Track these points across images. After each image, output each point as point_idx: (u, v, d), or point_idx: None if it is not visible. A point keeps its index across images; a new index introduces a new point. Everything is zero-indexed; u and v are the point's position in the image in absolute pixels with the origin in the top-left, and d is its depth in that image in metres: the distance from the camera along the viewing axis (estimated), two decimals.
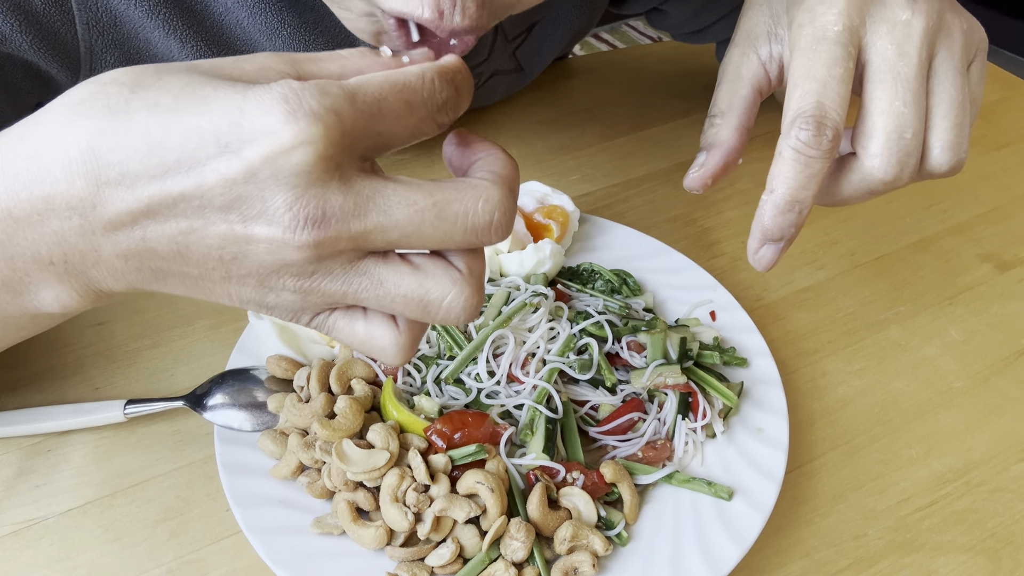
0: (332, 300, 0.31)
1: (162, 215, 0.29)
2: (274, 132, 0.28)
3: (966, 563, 0.50)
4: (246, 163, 0.28)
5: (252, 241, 0.29)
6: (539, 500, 0.45)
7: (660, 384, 0.52)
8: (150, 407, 0.51)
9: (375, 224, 0.30)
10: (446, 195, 0.30)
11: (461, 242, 0.31)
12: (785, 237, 0.43)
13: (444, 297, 0.31)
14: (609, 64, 0.90)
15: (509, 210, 0.32)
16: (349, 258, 0.30)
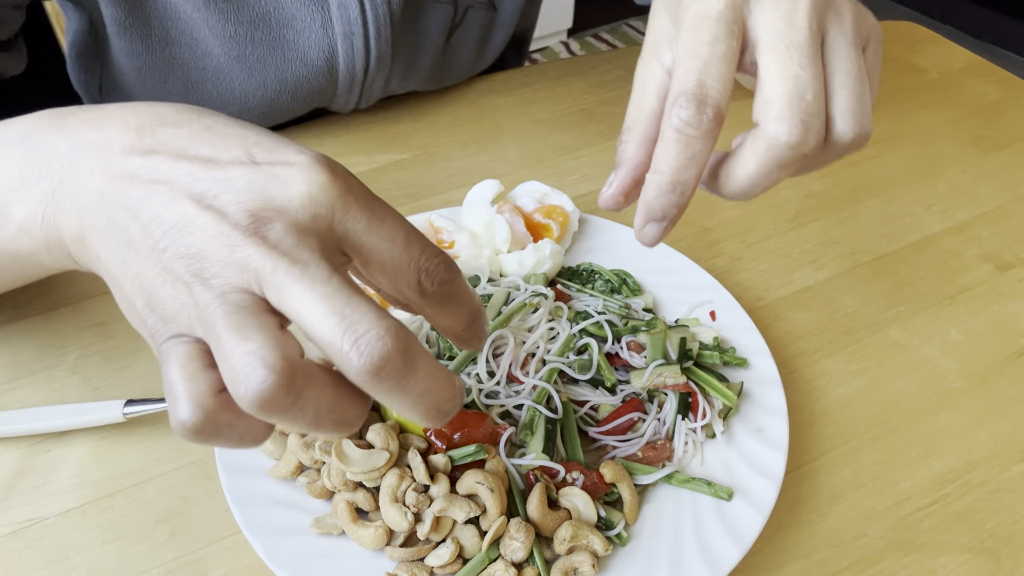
0: (205, 319, 0.31)
1: (162, 162, 0.33)
2: (300, 163, 0.32)
3: (966, 563, 0.50)
4: (260, 170, 0.32)
5: (199, 224, 0.31)
6: (539, 500, 0.45)
7: (660, 384, 0.52)
8: (150, 407, 0.51)
9: (292, 290, 0.30)
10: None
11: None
12: (668, 217, 0.42)
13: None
14: (609, 64, 0.90)
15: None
16: (250, 291, 0.31)
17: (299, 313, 0.30)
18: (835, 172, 0.78)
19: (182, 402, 0.30)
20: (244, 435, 0.31)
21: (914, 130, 0.84)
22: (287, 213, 0.31)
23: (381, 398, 0.31)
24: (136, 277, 0.32)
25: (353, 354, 0.29)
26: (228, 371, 0.29)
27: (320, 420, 0.31)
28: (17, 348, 0.57)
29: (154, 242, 0.32)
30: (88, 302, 0.60)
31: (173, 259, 0.31)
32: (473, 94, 0.84)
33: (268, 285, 0.30)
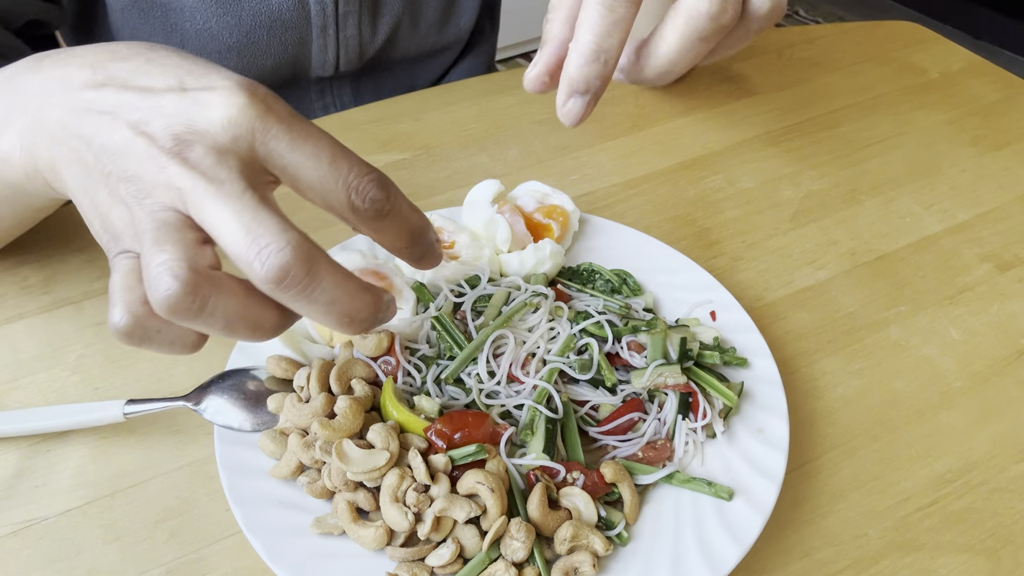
0: (143, 226, 0.34)
1: (109, 93, 0.37)
2: (222, 87, 0.35)
3: (966, 563, 0.50)
4: (187, 96, 0.35)
5: (134, 149, 0.34)
6: (539, 500, 0.45)
7: (660, 384, 0.52)
8: (150, 407, 0.51)
9: (207, 206, 0.33)
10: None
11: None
12: (591, 90, 0.42)
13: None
14: None
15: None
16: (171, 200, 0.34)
17: (213, 227, 0.33)
18: (835, 172, 0.78)
19: (116, 307, 0.33)
20: (174, 341, 0.35)
21: (914, 130, 0.84)
22: (208, 135, 0.34)
23: (290, 306, 0.33)
24: (92, 200, 0.36)
25: (256, 264, 0.32)
26: (145, 280, 0.33)
27: (232, 326, 0.33)
28: (17, 348, 0.57)
29: (103, 167, 0.35)
30: (88, 302, 0.60)
31: (117, 182, 0.35)
32: (473, 94, 0.84)
33: (189, 202, 0.33)
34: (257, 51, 0.78)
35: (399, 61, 0.89)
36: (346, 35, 0.80)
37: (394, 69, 0.90)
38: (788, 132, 0.82)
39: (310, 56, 0.81)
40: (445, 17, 0.86)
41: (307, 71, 0.83)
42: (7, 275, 0.62)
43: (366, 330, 0.35)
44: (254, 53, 0.78)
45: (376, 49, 0.84)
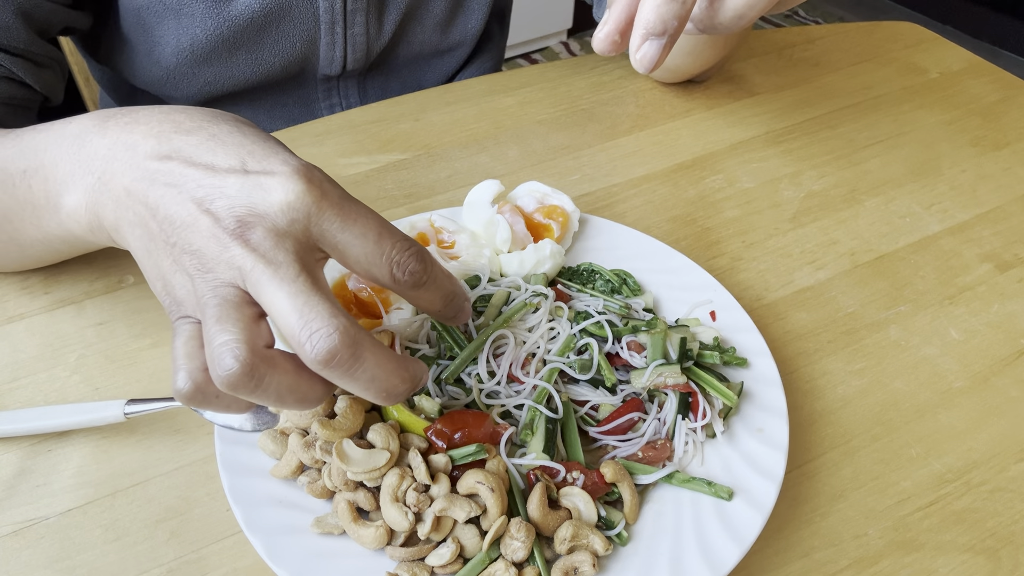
0: (204, 301, 0.37)
1: (174, 167, 0.39)
2: (282, 174, 0.38)
3: (966, 563, 0.50)
4: (249, 179, 0.38)
5: (199, 226, 0.37)
6: (539, 500, 0.46)
7: (660, 384, 0.52)
8: (151, 407, 0.51)
9: (265, 287, 0.36)
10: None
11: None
12: (668, 31, 0.42)
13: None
14: (609, 64, 0.90)
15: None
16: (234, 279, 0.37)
17: (269, 307, 0.36)
18: (835, 172, 0.78)
19: (179, 373, 0.37)
20: (229, 405, 0.38)
21: (914, 130, 0.84)
22: (268, 218, 0.37)
23: (335, 382, 0.37)
24: (156, 265, 0.39)
25: (307, 346, 0.35)
26: (207, 357, 0.36)
27: (282, 399, 0.37)
28: (18, 348, 0.57)
29: (166, 237, 0.38)
30: (89, 302, 0.60)
31: (181, 254, 0.37)
32: (473, 94, 0.84)
33: (248, 281, 0.36)
34: (266, 48, 0.78)
35: (405, 62, 0.89)
36: (354, 32, 0.80)
37: (400, 70, 0.90)
38: (788, 132, 0.82)
39: (318, 54, 0.81)
40: (452, 17, 0.87)
41: (314, 70, 0.83)
42: (7, 275, 0.62)
43: (396, 402, 0.39)
44: (263, 51, 0.78)
45: (382, 47, 0.84)
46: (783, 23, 2.93)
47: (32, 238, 0.51)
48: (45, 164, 0.46)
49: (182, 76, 0.78)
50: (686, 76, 0.84)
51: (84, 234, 0.45)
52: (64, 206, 0.44)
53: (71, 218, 0.44)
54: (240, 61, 0.78)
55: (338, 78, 0.86)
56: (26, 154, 0.48)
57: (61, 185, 0.45)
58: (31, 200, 0.47)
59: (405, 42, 0.86)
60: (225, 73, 0.79)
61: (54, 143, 0.46)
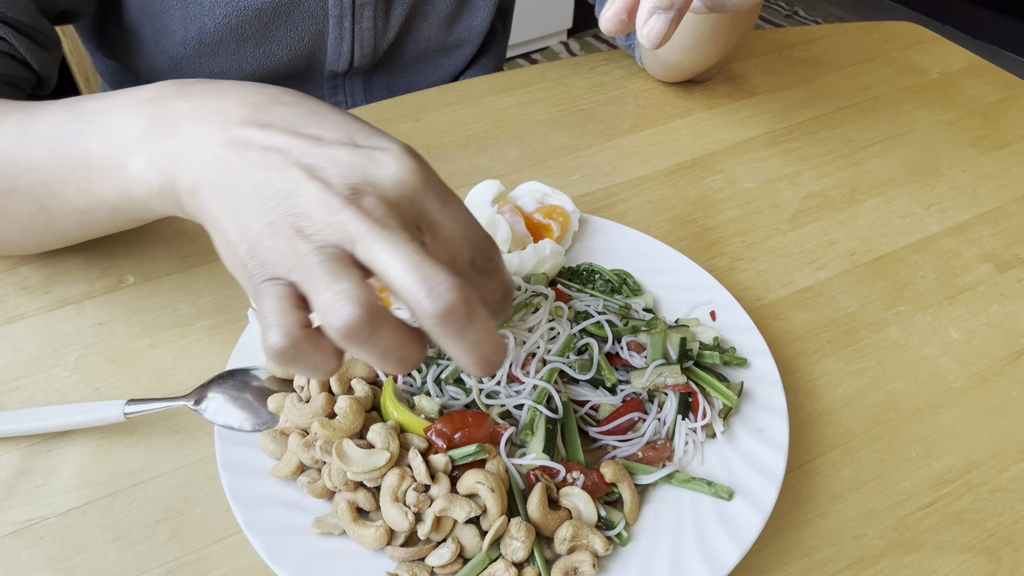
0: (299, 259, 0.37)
1: (275, 134, 0.39)
2: (393, 150, 0.39)
3: (966, 563, 0.50)
4: (360, 152, 0.39)
5: (306, 190, 0.37)
6: (539, 500, 0.46)
7: (660, 384, 0.52)
8: (150, 407, 0.51)
9: (380, 248, 0.36)
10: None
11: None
12: (675, 5, 0.42)
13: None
14: (609, 64, 0.90)
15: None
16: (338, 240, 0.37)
17: (385, 266, 0.36)
18: (835, 172, 0.78)
19: (275, 330, 0.36)
20: (318, 365, 0.37)
21: (914, 130, 0.84)
22: (380, 189, 0.38)
23: (444, 341, 0.37)
24: (243, 227, 0.38)
25: (427, 300, 0.35)
26: (322, 305, 0.35)
27: (388, 355, 0.37)
28: (17, 348, 0.57)
29: (264, 200, 0.38)
30: (88, 302, 0.60)
31: (279, 216, 0.37)
32: (473, 94, 0.84)
33: (360, 244, 0.36)
34: (274, 41, 0.78)
35: (411, 60, 0.89)
36: (362, 27, 0.80)
37: (405, 69, 0.90)
38: (788, 132, 0.82)
39: (325, 49, 0.81)
40: (457, 13, 0.87)
41: (321, 65, 0.83)
42: (7, 275, 0.62)
43: (490, 373, 0.39)
44: (271, 44, 0.79)
45: (389, 43, 0.84)
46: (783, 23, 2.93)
47: (71, 206, 0.49)
48: (111, 126, 0.45)
49: (188, 66, 0.78)
50: (688, 74, 0.84)
51: (148, 198, 0.43)
52: (131, 167, 0.43)
53: (137, 179, 0.43)
54: (247, 53, 0.79)
55: (344, 76, 0.86)
56: (84, 117, 0.46)
57: (130, 145, 0.43)
58: (86, 162, 0.46)
59: (411, 39, 0.86)
60: (232, 65, 0.79)
61: (122, 106, 0.45)
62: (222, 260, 0.40)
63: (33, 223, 0.52)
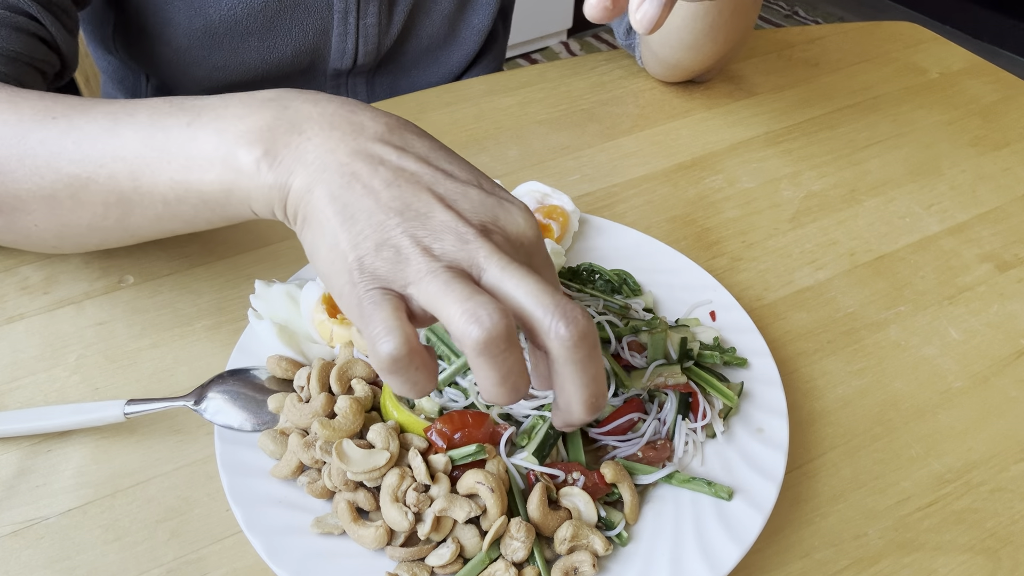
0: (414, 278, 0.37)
1: (409, 159, 0.41)
2: (519, 205, 0.41)
3: (966, 563, 0.50)
4: (491, 197, 0.41)
5: (440, 217, 0.38)
6: (539, 500, 0.45)
7: (660, 384, 0.52)
8: (150, 407, 0.51)
9: (511, 276, 0.37)
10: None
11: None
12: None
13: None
14: (609, 64, 0.90)
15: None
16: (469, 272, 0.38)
17: (515, 292, 0.37)
18: (835, 172, 0.78)
19: (394, 336, 0.36)
20: (419, 380, 0.38)
21: (914, 130, 0.84)
22: (505, 232, 0.39)
23: (566, 368, 0.37)
24: (360, 234, 0.38)
25: (562, 324, 0.36)
26: (461, 314, 0.35)
27: (507, 378, 0.37)
28: (17, 348, 0.57)
29: (390, 215, 0.38)
30: (88, 302, 0.60)
31: (404, 233, 0.38)
32: (473, 94, 0.84)
33: (488, 272, 0.37)
34: (278, 36, 0.78)
35: (413, 59, 0.89)
36: (366, 23, 0.80)
37: (408, 68, 0.90)
38: (788, 132, 0.82)
39: (329, 45, 0.81)
40: (460, 10, 0.87)
41: (325, 63, 0.83)
42: (7, 275, 0.62)
43: (596, 414, 0.40)
44: (275, 38, 0.78)
45: (392, 40, 0.84)
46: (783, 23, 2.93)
47: (157, 198, 0.46)
48: (225, 117, 0.43)
49: (192, 59, 0.78)
50: (687, 73, 0.83)
51: (251, 192, 0.42)
52: (242, 158, 0.42)
53: (247, 171, 0.42)
54: (252, 47, 0.78)
55: (347, 75, 0.86)
56: (192, 109, 0.45)
57: (246, 137, 0.42)
58: (188, 151, 0.44)
59: (414, 36, 0.86)
60: (235, 59, 0.79)
61: (239, 101, 0.44)
62: (316, 267, 0.40)
63: (105, 216, 0.49)
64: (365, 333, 0.37)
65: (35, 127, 0.49)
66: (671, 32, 0.77)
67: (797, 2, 3.07)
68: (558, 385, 0.39)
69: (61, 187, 0.48)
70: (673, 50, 0.79)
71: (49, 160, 0.48)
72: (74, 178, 0.48)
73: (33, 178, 0.48)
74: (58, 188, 0.48)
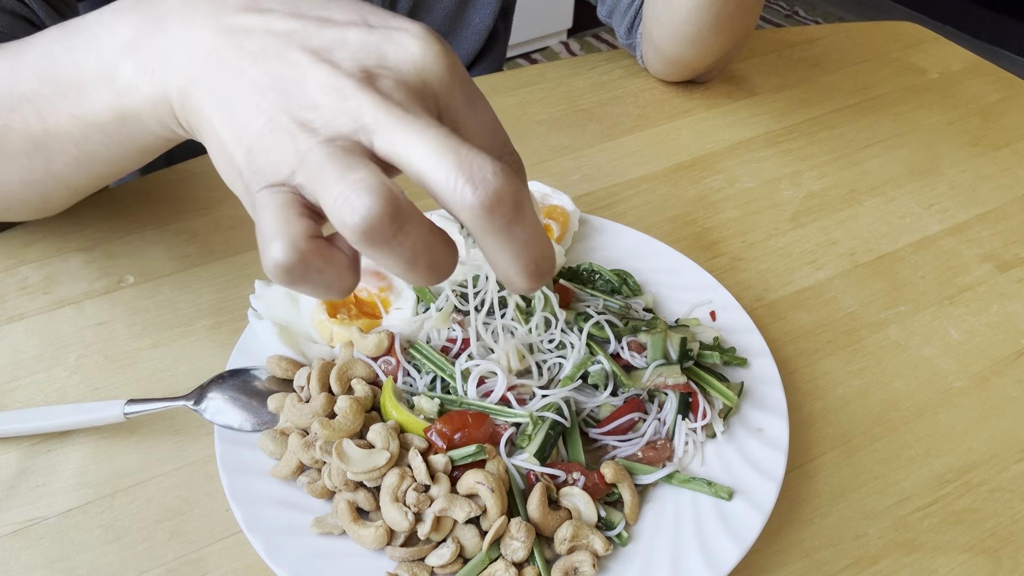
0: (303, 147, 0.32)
1: (276, 19, 0.35)
2: (414, 31, 0.34)
3: (966, 563, 0.50)
4: (376, 32, 0.34)
5: (312, 76, 0.32)
6: (539, 500, 0.45)
7: (660, 384, 0.52)
8: (150, 407, 0.51)
9: (404, 133, 0.31)
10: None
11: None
12: None
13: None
14: (609, 64, 0.90)
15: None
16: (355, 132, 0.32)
17: (411, 155, 0.31)
18: (835, 172, 0.78)
19: (276, 242, 0.31)
20: (331, 282, 0.32)
21: (914, 130, 0.84)
22: (399, 72, 0.33)
23: (487, 240, 0.31)
24: (240, 128, 0.33)
25: (468, 188, 0.30)
26: (333, 200, 0.30)
27: (415, 259, 0.31)
28: (17, 348, 0.57)
29: (263, 94, 0.33)
30: (88, 302, 0.60)
31: (279, 110, 0.32)
32: None
33: (378, 132, 0.31)
34: None
35: None
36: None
37: None
38: (788, 132, 0.82)
39: None
40: (461, 8, 0.87)
41: None
42: (7, 275, 0.62)
43: (540, 284, 0.33)
44: None
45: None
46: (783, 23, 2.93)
47: (67, 139, 0.43)
48: (98, 34, 0.40)
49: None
50: (689, 70, 0.83)
51: (140, 110, 0.39)
52: (121, 75, 0.38)
53: (128, 89, 0.38)
54: None
55: None
56: (73, 31, 0.42)
57: (118, 52, 0.39)
58: (76, 80, 0.41)
59: None
60: None
61: (112, 10, 0.40)
62: (221, 175, 0.35)
63: (31, 169, 0.47)
64: (258, 239, 0.32)
65: None
66: (675, 26, 0.77)
67: (797, 2, 3.07)
68: (488, 258, 0.33)
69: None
70: (677, 44, 0.79)
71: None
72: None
73: None
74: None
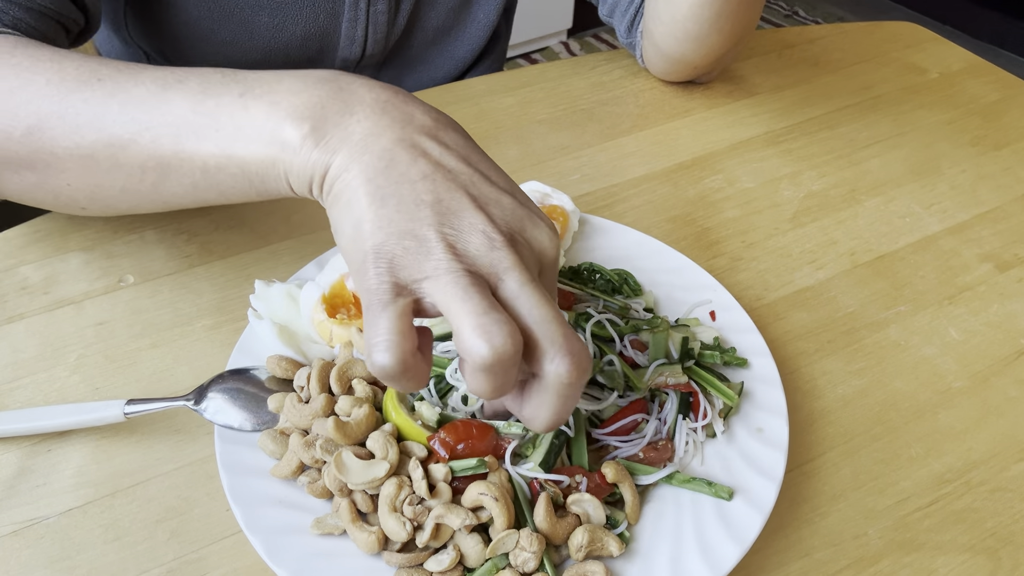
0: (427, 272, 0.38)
1: (451, 156, 0.41)
2: (547, 222, 0.42)
3: (966, 563, 0.50)
4: (522, 208, 0.41)
5: (471, 218, 0.39)
6: (545, 510, 0.45)
7: (662, 384, 0.52)
8: (150, 407, 0.51)
9: (529, 291, 0.38)
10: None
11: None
12: None
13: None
14: (609, 64, 0.90)
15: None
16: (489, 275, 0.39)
17: (530, 313, 0.38)
18: (835, 172, 0.78)
19: (388, 353, 0.36)
20: (411, 385, 0.38)
21: (914, 130, 0.84)
22: (531, 246, 0.40)
23: (550, 396, 0.39)
24: (388, 218, 0.38)
25: (568, 357, 0.38)
26: (472, 328, 0.36)
27: (498, 390, 0.38)
28: (17, 348, 0.57)
29: (421, 206, 0.38)
30: (88, 302, 0.60)
31: (431, 226, 0.38)
32: (473, 94, 0.84)
33: (507, 283, 0.38)
34: (289, 14, 0.78)
35: (418, 55, 0.89)
36: (376, 10, 0.80)
37: (413, 64, 0.90)
38: (788, 132, 0.82)
39: (339, 31, 0.81)
40: (465, 3, 0.87)
41: (334, 51, 0.83)
42: (7, 275, 0.62)
43: (546, 432, 0.43)
44: (285, 15, 0.78)
45: (400, 30, 0.84)
46: (783, 23, 2.93)
47: (197, 164, 0.46)
48: (278, 91, 0.44)
49: (201, 32, 0.78)
50: (690, 69, 0.83)
51: (292, 167, 0.43)
52: (289, 132, 0.42)
53: (293, 146, 0.42)
54: (262, 23, 0.78)
55: (355, 67, 0.86)
56: (245, 81, 0.46)
57: (298, 112, 0.43)
58: (237, 120, 0.44)
59: (420, 28, 0.86)
60: (244, 35, 0.79)
61: (295, 77, 0.44)
62: (339, 244, 0.40)
63: (141, 180, 0.49)
64: (366, 332, 0.37)
65: (79, 86, 0.48)
66: (677, 23, 0.77)
67: (797, 2, 3.07)
68: (533, 400, 0.40)
69: (101, 147, 0.48)
70: (678, 42, 0.79)
71: (92, 119, 0.48)
72: (116, 139, 0.47)
73: (73, 136, 0.48)
74: (97, 148, 0.48)
